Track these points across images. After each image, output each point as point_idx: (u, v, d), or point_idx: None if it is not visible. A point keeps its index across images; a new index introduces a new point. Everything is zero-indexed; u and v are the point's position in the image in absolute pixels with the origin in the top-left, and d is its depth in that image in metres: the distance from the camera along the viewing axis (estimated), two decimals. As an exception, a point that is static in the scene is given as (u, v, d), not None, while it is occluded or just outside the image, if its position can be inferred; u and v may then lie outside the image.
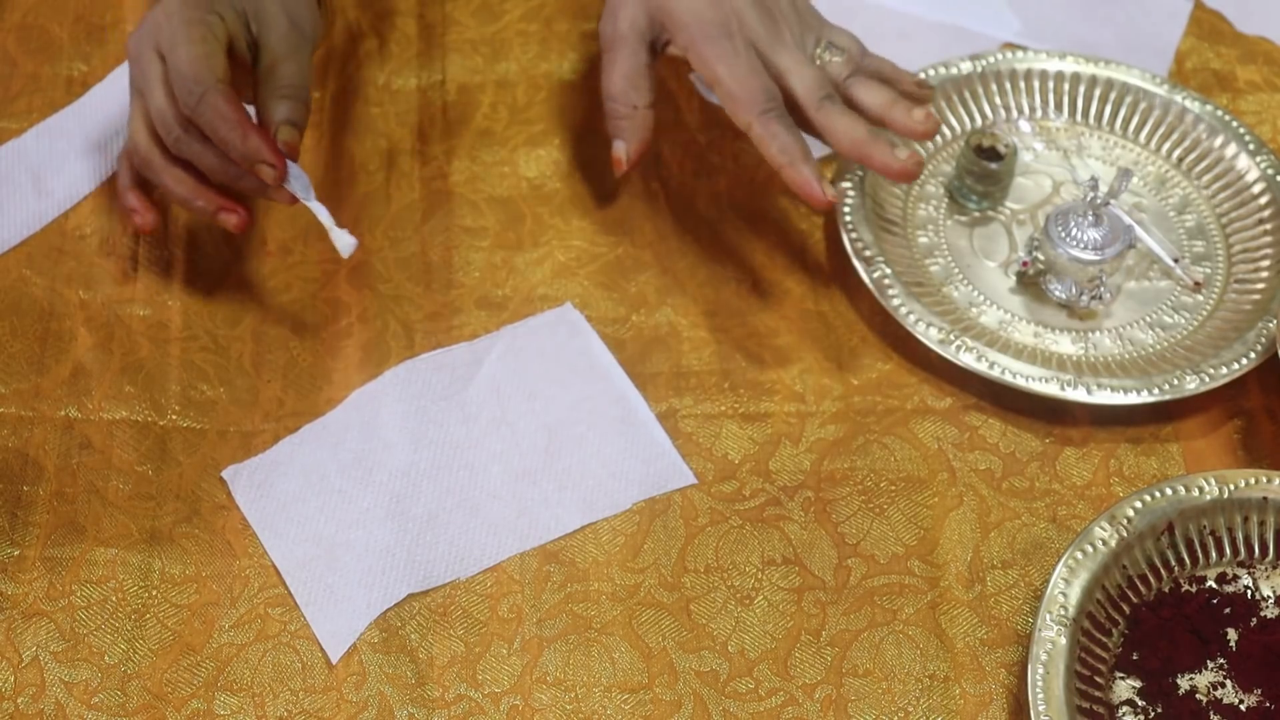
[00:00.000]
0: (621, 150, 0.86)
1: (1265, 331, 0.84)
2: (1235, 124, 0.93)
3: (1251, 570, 0.77)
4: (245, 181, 0.80)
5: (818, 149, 0.93)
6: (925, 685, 0.73)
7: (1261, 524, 0.77)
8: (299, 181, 0.80)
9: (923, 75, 0.94)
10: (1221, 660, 0.74)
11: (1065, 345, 0.85)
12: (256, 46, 0.82)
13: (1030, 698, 0.70)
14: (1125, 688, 0.73)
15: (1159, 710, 0.72)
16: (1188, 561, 0.77)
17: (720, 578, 0.77)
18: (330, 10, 0.96)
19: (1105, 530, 0.75)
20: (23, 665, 0.72)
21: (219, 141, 0.78)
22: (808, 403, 0.83)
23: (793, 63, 0.83)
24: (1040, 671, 0.71)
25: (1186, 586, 0.76)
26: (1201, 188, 0.92)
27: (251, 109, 0.81)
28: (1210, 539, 0.77)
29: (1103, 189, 0.85)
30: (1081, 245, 0.84)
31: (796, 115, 0.83)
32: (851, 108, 0.83)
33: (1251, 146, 0.92)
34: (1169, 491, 0.76)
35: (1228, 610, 0.75)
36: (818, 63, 0.84)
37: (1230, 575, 0.76)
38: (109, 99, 0.93)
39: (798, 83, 0.82)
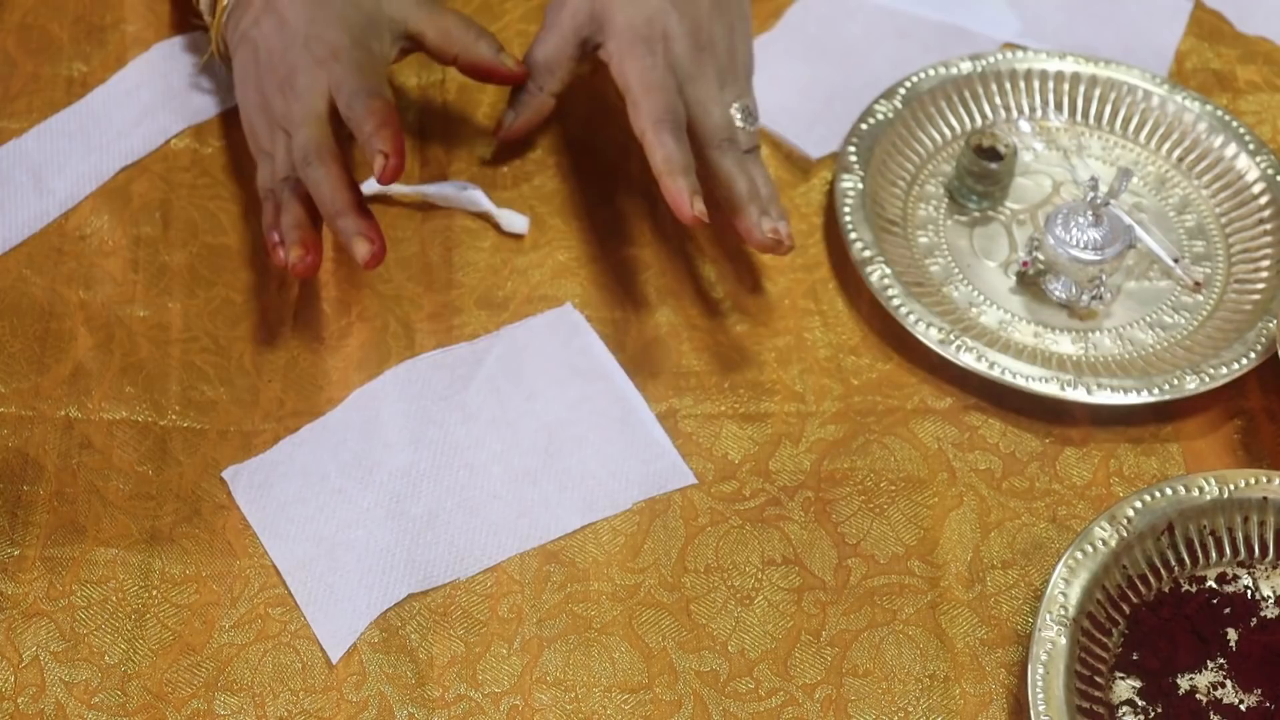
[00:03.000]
0: (509, 118, 0.90)
1: (1265, 331, 0.84)
2: (1235, 124, 0.93)
3: (1251, 570, 0.77)
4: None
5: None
6: (925, 685, 0.73)
7: (1261, 524, 0.77)
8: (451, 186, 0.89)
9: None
10: (1221, 660, 0.74)
11: (1065, 345, 0.85)
12: (412, 37, 0.87)
13: (1030, 698, 0.70)
14: (1125, 688, 0.73)
15: (1159, 710, 0.72)
16: (1188, 561, 0.77)
17: (720, 578, 0.77)
18: None
19: (1105, 530, 0.75)
20: (23, 665, 0.73)
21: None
22: (808, 403, 0.83)
23: (708, 98, 0.84)
24: (1040, 671, 0.71)
25: (1186, 586, 0.76)
26: (1201, 188, 0.92)
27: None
28: (1210, 539, 0.77)
29: (1103, 189, 0.85)
30: (1081, 245, 0.84)
31: (695, 147, 0.83)
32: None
33: (1251, 146, 0.92)
34: (1169, 491, 0.76)
35: (1228, 610, 0.75)
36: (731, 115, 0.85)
37: (1230, 575, 0.76)
38: (110, 100, 0.93)
39: (706, 118, 0.83)
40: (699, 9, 0.85)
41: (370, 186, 0.89)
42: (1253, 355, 0.83)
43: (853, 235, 0.87)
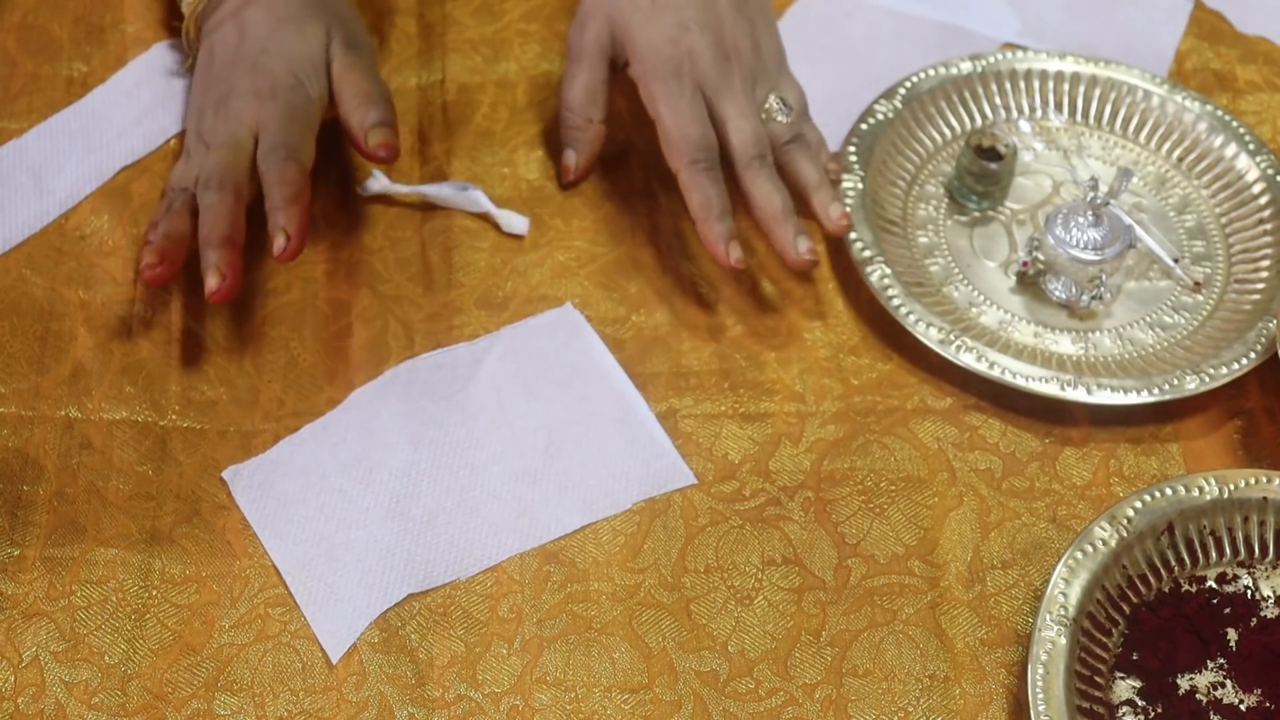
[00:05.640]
0: (571, 159, 0.90)
1: (1265, 331, 0.84)
2: (1235, 124, 0.93)
3: (1251, 570, 0.77)
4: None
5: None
6: (925, 685, 0.73)
7: (1261, 524, 0.77)
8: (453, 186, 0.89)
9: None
10: (1221, 660, 0.74)
11: (1065, 345, 0.85)
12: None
13: (1030, 698, 0.70)
14: (1125, 688, 0.73)
15: (1159, 710, 0.72)
16: (1188, 561, 0.77)
17: (720, 578, 0.77)
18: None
19: (1105, 530, 0.75)
20: (23, 665, 0.73)
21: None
22: (808, 403, 0.83)
23: (735, 112, 0.84)
24: (1040, 671, 0.71)
25: (1186, 586, 0.76)
26: (1201, 188, 0.92)
27: None
28: (1210, 539, 0.77)
29: (1103, 189, 0.85)
30: (1081, 245, 0.84)
31: (728, 167, 0.84)
32: (782, 173, 0.85)
33: (1251, 146, 0.92)
34: (1169, 491, 0.76)
35: (1228, 610, 0.75)
36: (763, 115, 0.85)
37: (1230, 575, 0.76)
38: (110, 100, 0.93)
39: (735, 135, 0.84)
40: (719, 15, 0.85)
41: (369, 187, 0.89)
42: (1253, 355, 0.83)
43: (853, 235, 0.87)
